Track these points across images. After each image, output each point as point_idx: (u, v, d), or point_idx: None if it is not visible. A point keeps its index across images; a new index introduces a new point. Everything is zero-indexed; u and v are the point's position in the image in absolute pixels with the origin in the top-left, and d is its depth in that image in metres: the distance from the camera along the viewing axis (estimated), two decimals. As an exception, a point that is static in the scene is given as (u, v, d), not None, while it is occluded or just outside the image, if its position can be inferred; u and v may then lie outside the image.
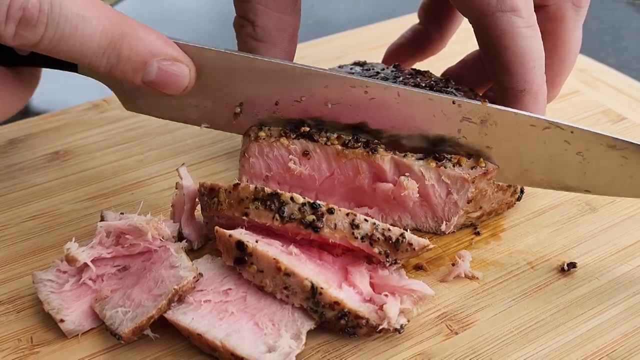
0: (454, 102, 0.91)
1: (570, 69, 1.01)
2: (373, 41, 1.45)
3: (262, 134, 0.96)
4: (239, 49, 0.97)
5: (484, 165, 0.92)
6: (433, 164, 0.92)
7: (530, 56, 0.89)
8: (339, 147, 0.94)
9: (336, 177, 0.97)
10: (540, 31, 0.91)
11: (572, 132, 0.90)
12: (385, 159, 0.93)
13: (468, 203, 0.94)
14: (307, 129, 0.95)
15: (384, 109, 0.93)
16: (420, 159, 0.93)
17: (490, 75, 0.95)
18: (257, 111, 0.97)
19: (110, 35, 0.82)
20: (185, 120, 0.99)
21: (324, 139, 0.95)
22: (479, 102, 0.91)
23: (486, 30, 0.90)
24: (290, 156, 0.96)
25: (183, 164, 0.95)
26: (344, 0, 1.88)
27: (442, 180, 0.93)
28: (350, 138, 0.95)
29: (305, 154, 0.96)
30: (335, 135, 0.95)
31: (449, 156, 0.93)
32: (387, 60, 1.19)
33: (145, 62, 0.85)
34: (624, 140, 0.90)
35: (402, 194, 0.93)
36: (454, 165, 0.92)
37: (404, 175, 0.93)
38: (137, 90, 0.95)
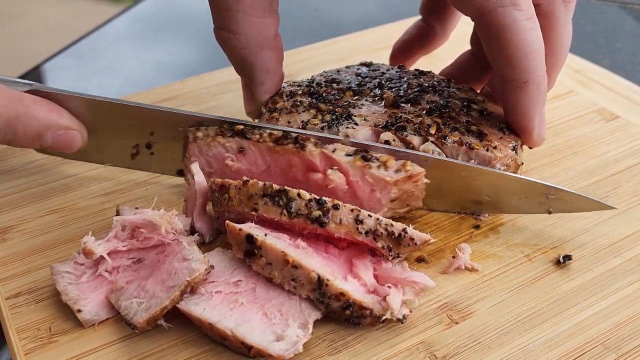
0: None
1: (563, 62, 1.01)
2: (379, 42, 1.45)
3: (199, 134, 0.98)
4: (229, 60, 1.00)
5: (409, 169, 0.92)
6: (359, 163, 0.92)
7: (532, 47, 0.89)
8: (271, 144, 0.95)
9: (272, 170, 0.97)
10: None
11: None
12: (314, 154, 0.93)
13: (392, 202, 0.94)
14: (241, 126, 0.97)
15: None
16: (349, 155, 0.92)
17: (494, 71, 0.95)
18: (153, 150, 1.03)
19: (6, 118, 0.90)
20: (89, 160, 1.07)
21: (257, 136, 0.95)
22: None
23: (488, 26, 0.89)
24: (227, 154, 0.97)
25: (195, 160, 0.95)
26: (350, 3, 1.87)
27: (366, 179, 0.93)
28: (281, 135, 0.95)
29: (241, 150, 0.97)
30: (267, 132, 0.96)
31: (377, 155, 0.92)
32: (394, 55, 1.19)
33: (40, 135, 0.94)
34: (469, 165, 0.94)
35: (329, 186, 0.93)
36: (379, 167, 0.92)
37: (331, 168, 0.93)
38: None
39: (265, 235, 0.83)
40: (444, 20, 1.15)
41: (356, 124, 0.99)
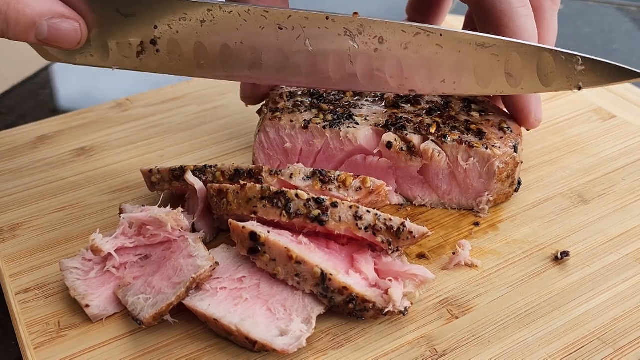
0: (327, 18, 0.92)
1: None
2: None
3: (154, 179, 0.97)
4: None
5: (369, 185, 0.90)
6: (318, 187, 0.90)
7: (528, 33, 0.91)
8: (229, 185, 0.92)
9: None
10: None
11: (441, 35, 0.90)
12: (272, 182, 0.90)
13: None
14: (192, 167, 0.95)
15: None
16: (307, 178, 0.90)
17: None
18: (159, 48, 0.97)
19: None
20: (97, 64, 1.00)
21: (210, 175, 0.94)
22: (351, 16, 0.92)
23: (486, 12, 0.91)
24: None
25: (188, 169, 0.94)
26: (352, 4, 1.87)
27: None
28: (233, 172, 0.93)
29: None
30: (219, 171, 0.94)
31: (335, 175, 0.90)
32: None
33: (34, 22, 0.87)
34: (490, 37, 0.90)
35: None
36: (338, 188, 0.90)
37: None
38: None
39: (268, 232, 0.83)
40: (429, 19, 1.16)
41: (357, 123, 0.99)
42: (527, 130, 1.04)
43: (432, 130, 0.96)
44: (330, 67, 0.95)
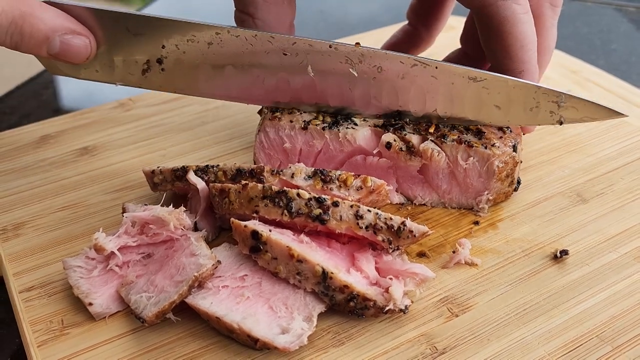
0: (330, 46, 0.95)
1: (548, 63, 1.03)
2: (382, 43, 1.44)
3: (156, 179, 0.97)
4: None
5: (369, 184, 0.90)
6: (319, 186, 0.89)
7: (529, 39, 0.91)
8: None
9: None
10: None
11: (436, 68, 0.94)
12: (273, 182, 0.91)
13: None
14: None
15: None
16: (308, 177, 0.90)
17: (489, 62, 0.97)
18: (164, 67, 0.99)
19: (11, 16, 0.85)
20: (101, 79, 1.01)
21: (212, 175, 0.94)
22: (353, 45, 0.95)
23: (489, 18, 0.91)
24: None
25: (190, 169, 0.94)
26: (354, 4, 1.87)
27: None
28: (235, 172, 0.93)
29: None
30: (222, 171, 0.94)
31: (336, 175, 0.90)
32: None
33: (47, 37, 0.89)
34: (482, 72, 0.94)
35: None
36: (339, 187, 0.90)
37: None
38: None
39: (270, 231, 0.83)
40: (430, 25, 1.16)
41: (355, 124, 0.99)
42: (524, 134, 1.04)
43: (431, 130, 0.96)
44: (329, 91, 0.99)
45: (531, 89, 0.93)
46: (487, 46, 0.95)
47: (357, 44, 0.94)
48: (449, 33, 1.16)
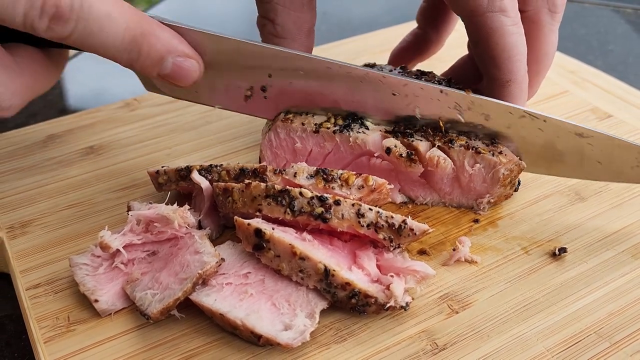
0: (441, 91, 0.94)
1: (547, 69, 1.02)
2: (384, 44, 1.44)
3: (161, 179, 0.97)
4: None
5: (371, 183, 0.90)
6: (321, 185, 0.89)
7: (516, 50, 0.91)
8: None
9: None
10: None
11: (544, 121, 0.94)
12: (276, 181, 0.91)
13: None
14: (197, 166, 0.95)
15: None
16: (310, 177, 0.90)
17: (480, 69, 0.96)
18: (267, 94, 0.98)
19: (133, 34, 0.81)
20: (200, 101, 1.00)
21: (215, 175, 0.94)
22: (464, 92, 0.94)
23: (478, 28, 0.91)
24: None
25: (194, 169, 0.94)
26: (356, 6, 1.87)
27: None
28: (238, 172, 0.93)
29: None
30: (224, 170, 0.94)
31: (337, 174, 0.90)
32: (392, 62, 1.19)
33: (162, 58, 0.85)
34: (589, 129, 0.93)
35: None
36: (340, 186, 0.89)
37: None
38: None
39: (273, 229, 0.83)
40: (439, 28, 1.15)
41: (367, 128, 0.98)
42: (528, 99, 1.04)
43: (438, 136, 0.96)
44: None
45: (634, 149, 0.93)
46: (476, 55, 0.95)
47: (468, 90, 0.94)
48: (454, 34, 1.16)
